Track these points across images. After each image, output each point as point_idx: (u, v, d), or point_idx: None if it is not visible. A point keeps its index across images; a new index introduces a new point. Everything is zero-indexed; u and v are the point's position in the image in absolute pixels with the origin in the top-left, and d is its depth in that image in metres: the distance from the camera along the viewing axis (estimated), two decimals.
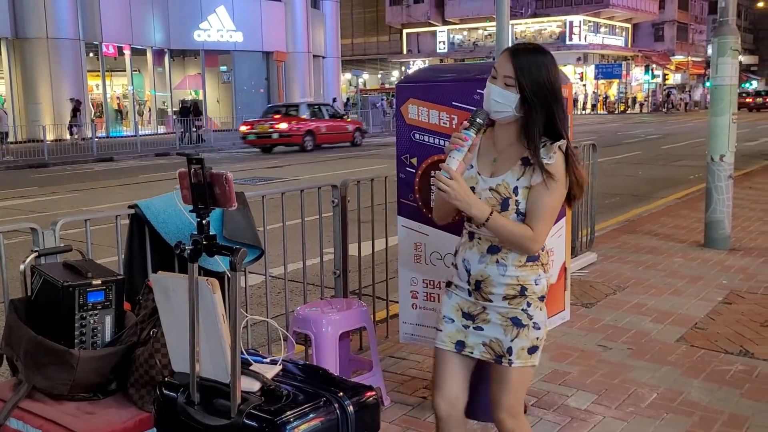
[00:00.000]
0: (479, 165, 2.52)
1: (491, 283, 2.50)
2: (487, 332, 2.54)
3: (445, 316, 2.63)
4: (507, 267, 2.49)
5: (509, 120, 2.44)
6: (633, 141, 25.99)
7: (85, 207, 12.04)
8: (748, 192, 11.60)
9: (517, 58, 2.37)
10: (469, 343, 2.58)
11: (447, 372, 2.63)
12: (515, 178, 2.44)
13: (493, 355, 2.54)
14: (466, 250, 2.56)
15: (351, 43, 64.82)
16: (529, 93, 2.35)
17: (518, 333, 2.50)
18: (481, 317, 2.55)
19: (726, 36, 7.42)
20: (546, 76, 2.37)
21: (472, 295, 2.56)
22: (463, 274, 2.57)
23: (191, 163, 2.16)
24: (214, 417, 2.17)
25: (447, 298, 2.64)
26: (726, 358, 4.57)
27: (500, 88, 2.38)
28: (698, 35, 69.69)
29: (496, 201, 2.44)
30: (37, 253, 3.10)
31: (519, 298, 2.50)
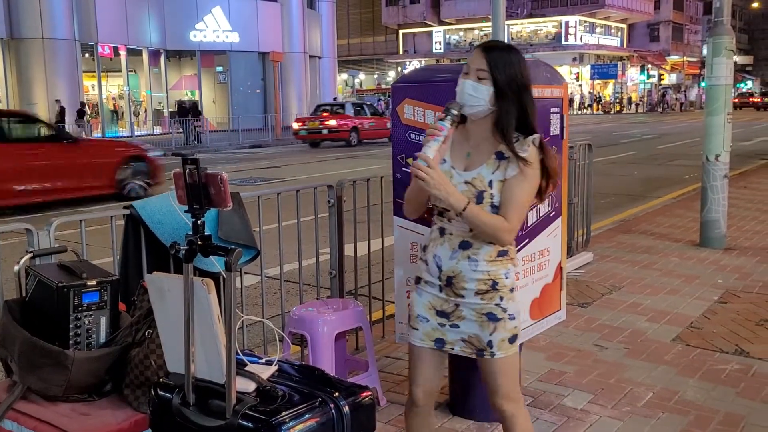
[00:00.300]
0: (453, 160, 2.56)
1: (463, 279, 2.53)
2: (463, 329, 2.58)
3: (419, 315, 2.65)
4: (478, 262, 2.52)
5: (483, 114, 2.48)
6: (629, 141, 26.02)
7: (80, 207, 12.01)
8: (743, 191, 11.62)
9: (489, 54, 2.44)
10: (448, 340, 2.61)
11: (425, 366, 2.68)
12: (490, 172, 2.49)
13: (474, 350, 2.59)
14: (436, 246, 2.58)
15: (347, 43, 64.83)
16: (502, 85, 2.42)
17: (495, 327, 2.55)
18: (455, 315, 2.58)
19: (721, 36, 7.43)
20: (518, 71, 2.44)
21: (444, 291, 2.58)
22: (434, 270, 2.59)
23: (186, 163, 2.16)
24: (210, 418, 2.17)
25: (417, 296, 2.66)
26: (721, 357, 4.58)
27: (473, 81, 2.44)
28: (693, 35, 69.87)
29: (472, 194, 2.48)
30: (32, 253, 3.09)
31: (491, 293, 2.54)
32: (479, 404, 3.72)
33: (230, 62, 38.59)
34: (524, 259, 3.61)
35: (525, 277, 3.63)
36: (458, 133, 2.58)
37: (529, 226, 3.62)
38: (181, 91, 40.20)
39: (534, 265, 3.69)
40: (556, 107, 3.76)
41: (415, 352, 2.70)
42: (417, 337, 2.66)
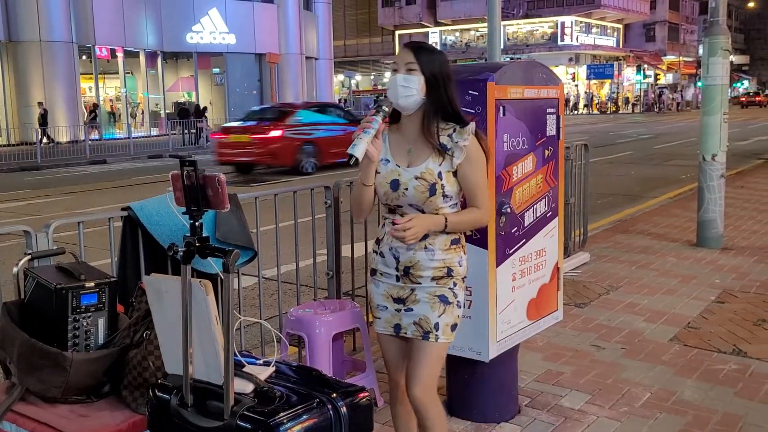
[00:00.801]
0: (395, 158, 2.69)
1: (420, 268, 2.67)
2: (416, 311, 2.70)
3: (379, 305, 2.79)
4: (434, 251, 2.66)
5: (415, 105, 2.61)
6: (625, 141, 26.05)
7: (78, 209, 12.01)
8: (740, 191, 11.64)
9: (416, 49, 2.61)
10: (403, 325, 2.75)
11: (394, 351, 2.86)
12: (437, 164, 2.62)
13: (421, 332, 2.70)
14: (392, 239, 2.68)
15: (343, 44, 64.85)
16: (430, 76, 2.58)
17: (444, 309, 2.69)
18: (410, 299, 2.71)
19: (717, 36, 7.45)
20: (441, 63, 2.62)
21: (401, 280, 2.72)
22: (391, 261, 2.71)
23: (184, 165, 2.16)
24: (208, 419, 2.17)
25: (375, 287, 2.80)
26: (719, 357, 4.59)
27: (404, 74, 2.59)
28: (689, 35, 69.95)
29: (425, 188, 2.61)
30: (30, 255, 3.09)
31: (446, 279, 2.69)
32: (477, 404, 3.73)
33: (227, 64, 38.56)
34: (521, 260, 3.62)
35: (522, 278, 3.64)
36: (394, 132, 2.73)
37: (526, 226, 3.63)
38: (178, 93, 40.18)
39: (531, 266, 3.70)
40: (552, 108, 3.77)
41: (381, 340, 2.87)
42: (380, 326, 2.82)
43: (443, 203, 2.63)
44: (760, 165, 16.50)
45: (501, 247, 3.45)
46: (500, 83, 3.36)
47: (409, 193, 2.62)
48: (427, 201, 2.61)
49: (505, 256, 3.50)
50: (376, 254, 2.78)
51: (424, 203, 2.62)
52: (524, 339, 3.77)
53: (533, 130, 3.62)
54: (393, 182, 2.65)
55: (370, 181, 2.65)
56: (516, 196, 3.53)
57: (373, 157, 2.56)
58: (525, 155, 3.58)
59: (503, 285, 3.50)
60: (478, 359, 3.49)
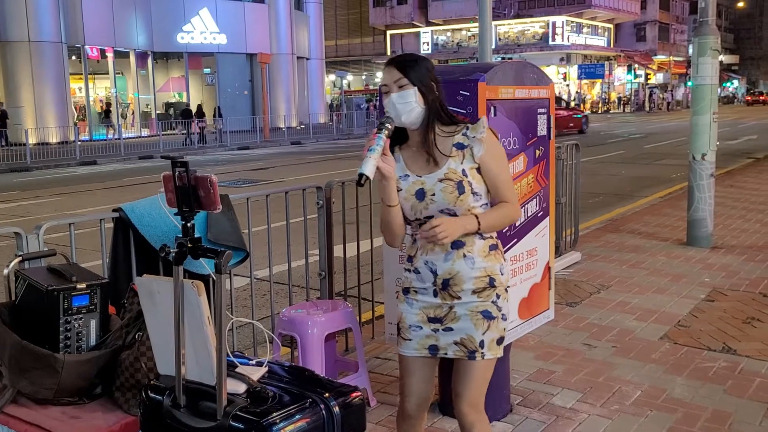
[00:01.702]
0: (414, 171, 2.58)
1: (461, 279, 2.54)
2: (457, 330, 2.57)
3: (411, 325, 2.63)
4: (475, 259, 2.54)
5: (418, 117, 2.53)
6: (616, 140, 26.14)
7: (69, 211, 11.98)
8: (729, 190, 11.70)
9: (399, 64, 2.54)
10: (441, 345, 2.60)
11: (417, 377, 2.68)
12: (459, 163, 2.53)
13: (466, 351, 2.57)
14: (426, 253, 2.58)
15: (335, 44, 64.80)
16: (420, 85, 2.51)
17: (489, 326, 2.56)
18: (449, 317, 2.58)
19: (706, 36, 7.49)
20: (428, 70, 2.56)
21: (438, 296, 2.58)
22: (428, 276, 2.58)
23: (176, 166, 2.16)
24: (200, 419, 2.17)
25: (408, 306, 2.65)
26: (709, 355, 4.61)
27: (397, 93, 2.51)
28: (679, 35, 70.18)
29: (452, 187, 2.50)
30: (21, 257, 3.09)
31: (488, 290, 2.56)
32: None
33: (218, 64, 38.50)
34: (512, 259, 3.63)
35: (513, 277, 3.65)
36: (406, 150, 2.63)
37: (517, 226, 3.65)
38: (169, 93, 40.10)
39: (522, 265, 3.72)
40: (542, 108, 3.79)
41: (407, 364, 2.68)
42: (410, 347, 2.64)
43: (474, 202, 2.53)
44: (750, 164, 16.58)
45: None
46: (491, 83, 3.38)
47: (438, 197, 2.51)
48: (458, 201, 2.50)
49: None
50: (410, 272, 2.65)
51: (455, 204, 2.50)
52: (516, 338, 3.78)
53: (524, 130, 3.64)
54: (418, 192, 2.54)
55: (393, 201, 2.53)
56: None
57: (388, 174, 2.45)
58: (516, 155, 3.59)
59: None
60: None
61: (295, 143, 30.02)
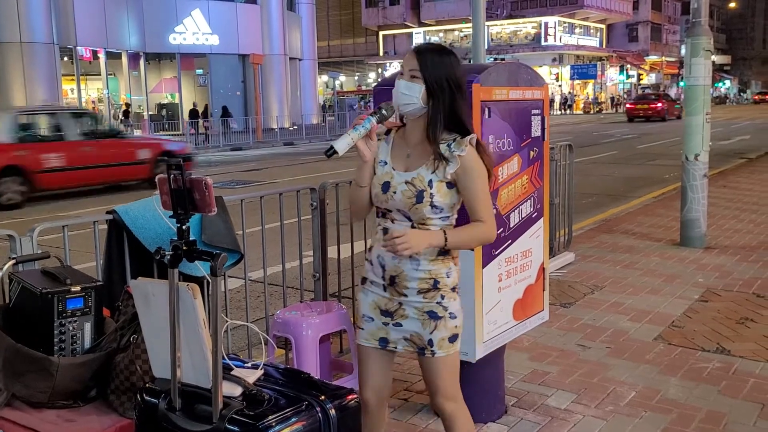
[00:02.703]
0: (393, 161, 2.64)
1: (405, 278, 2.60)
2: (406, 327, 2.64)
3: (365, 315, 2.72)
4: (420, 262, 2.58)
5: (417, 113, 2.55)
6: (609, 141, 26.19)
7: (62, 213, 11.93)
8: (722, 190, 11.74)
9: (421, 55, 2.52)
10: (391, 339, 2.68)
11: (372, 366, 2.76)
12: (430, 172, 2.55)
13: (415, 348, 2.65)
14: (380, 247, 2.62)
15: (327, 45, 64.79)
16: (432, 84, 2.49)
17: (436, 325, 2.61)
18: (398, 313, 2.65)
19: (699, 36, 7.51)
20: (450, 71, 2.51)
21: (387, 291, 2.65)
22: (378, 269, 2.66)
23: (171, 168, 2.16)
24: (196, 423, 2.17)
25: (364, 296, 2.74)
26: (703, 355, 4.63)
27: (406, 81, 2.52)
28: (672, 36, 70.48)
29: (412, 193, 2.54)
30: (15, 260, 3.07)
31: (432, 292, 2.60)
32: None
33: (210, 65, 38.41)
34: (507, 261, 3.64)
35: (508, 278, 3.66)
36: (398, 136, 2.68)
37: (512, 227, 3.65)
38: (162, 94, 39.97)
39: (517, 266, 3.72)
40: (536, 109, 3.79)
41: (362, 352, 2.77)
42: (362, 337, 2.74)
43: (431, 213, 2.54)
44: (742, 164, 16.64)
45: (487, 248, 3.46)
46: (485, 84, 3.38)
47: (397, 197, 2.56)
48: (413, 208, 2.54)
49: (491, 257, 3.52)
50: (368, 261, 2.73)
51: (410, 209, 2.54)
52: (510, 339, 3.79)
53: (518, 131, 3.64)
54: (384, 184, 2.60)
55: (364, 182, 2.62)
56: (502, 197, 3.54)
57: (365, 158, 2.53)
58: (510, 156, 3.59)
59: (489, 286, 3.51)
60: (465, 360, 3.50)
61: (288, 144, 29.98)
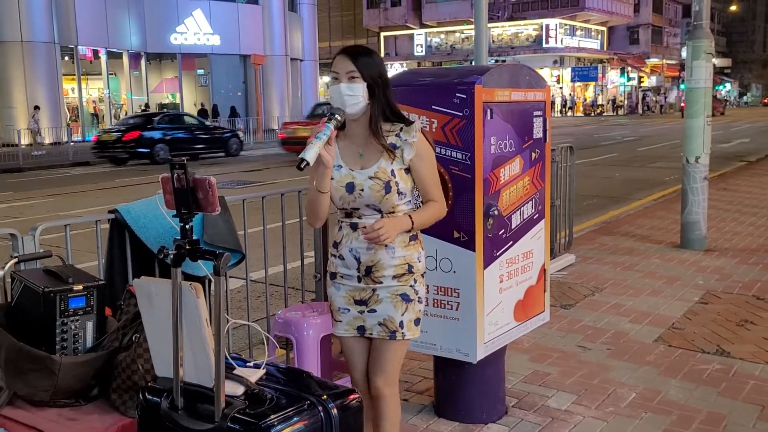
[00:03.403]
0: (347, 163, 2.74)
1: (382, 267, 2.73)
2: (380, 312, 2.77)
3: (340, 308, 2.84)
4: (395, 249, 2.73)
5: (361, 111, 2.68)
6: (609, 143, 26.20)
7: (62, 212, 11.94)
8: (722, 193, 11.74)
9: (355, 57, 2.67)
10: (368, 326, 2.80)
11: (357, 354, 2.91)
12: (389, 163, 2.69)
13: (387, 332, 2.77)
14: (351, 241, 2.75)
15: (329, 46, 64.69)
16: (371, 82, 2.65)
17: (407, 307, 2.76)
18: (372, 300, 2.77)
19: (700, 39, 7.51)
20: (380, 68, 2.70)
21: (362, 281, 2.77)
22: (352, 262, 2.76)
23: (174, 168, 2.17)
24: (198, 422, 2.17)
25: (336, 290, 2.84)
26: (703, 357, 4.63)
27: (347, 83, 2.64)
28: (673, 38, 70.47)
29: (380, 186, 2.68)
30: (17, 259, 3.08)
31: (407, 276, 2.76)
32: (464, 405, 3.75)
33: (211, 65, 38.43)
34: (508, 262, 3.64)
35: (509, 280, 3.66)
36: (342, 139, 2.77)
37: (513, 228, 3.66)
38: (162, 94, 39.97)
39: (518, 267, 3.72)
40: (538, 110, 3.79)
41: (343, 343, 2.92)
42: (341, 329, 2.86)
43: (398, 200, 2.70)
44: (742, 167, 16.64)
45: (488, 249, 3.47)
46: (488, 86, 3.39)
47: (366, 193, 2.68)
48: (384, 199, 2.67)
49: (493, 258, 3.52)
50: (335, 257, 2.83)
51: (380, 202, 2.68)
52: (511, 340, 3.79)
53: (520, 132, 3.65)
54: (348, 185, 2.70)
55: (326, 188, 2.68)
56: (503, 199, 3.55)
57: (327, 164, 2.59)
58: (512, 158, 3.60)
59: (491, 287, 3.52)
60: (466, 360, 3.51)
61: None
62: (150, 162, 21.57)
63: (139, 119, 23.61)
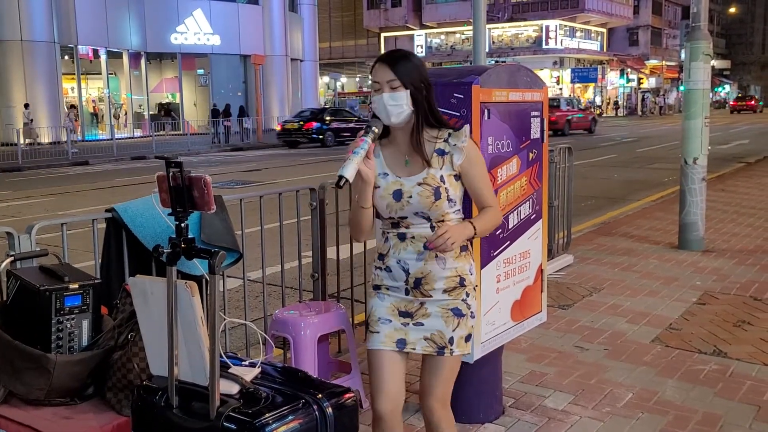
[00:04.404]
0: (394, 171, 2.63)
1: (432, 279, 2.59)
2: (428, 326, 2.62)
3: (381, 318, 2.67)
4: (446, 260, 2.59)
5: (406, 120, 2.57)
6: (608, 144, 26.20)
7: (61, 211, 11.94)
8: (720, 194, 11.75)
9: (394, 65, 2.54)
10: (410, 340, 2.64)
11: (388, 372, 2.66)
12: (438, 169, 2.58)
13: (435, 347, 2.62)
14: (399, 252, 2.62)
15: (329, 46, 64.81)
16: (412, 87, 2.53)
17: (459, 323, 2.62)
18: (420, 313, 2.63)
19: (698, 41, 7.52)
20: (421, 73, 2.57)
21: (410, 293, 2.63)
22: (400, 274, 2.62)
23: (170, 166, 2.16)
24: (193, 420, 2.17)
25: (379, 301, 2.69)
26: (700, 357, 4.63)
27: (389, 93, 2.52)
28: (672, 40, 70.48)
29: (429, 192, 2.55)
30: (13, 257, 3.08)
31: (459, 289, 2.62)
32: (461, 405, 3.74)
33: (211, 65, 38.46)
34: (505, 261, 3.64)
35: (506, 279, 3.66)
36: (386, 147, 2.67)
37: (511, 228, 3.66)
38: (162, 94, 39.99)
39: (515, 267, 3.72)
40: (536, 111, 3.80)
41: (376, 358, 2.67)
42: (378, 341, 2.66)
43: (448, 208, 2.58)
44: (741, 168, 16.65)
45: (486, 248, 3.47)
46: (485, 86, 3.38)
47: (414, 200, 2.56)
48: (433, 206, 2.55)
49: (490, 258, 3.52)
50: (381, 270, 2.69)
51: (430, 208, 2.55)
52: (508, 340, 3.79)
53: (518, 132, 3.65)
54: (395, 193, 2.58)
55: (368, 203, 2.58)
56: (501, 199, 3.55)
57: (368, 179, 2.50)
58: (509, 158, 3.60)
59: (488, 286, 3.52)
60: (463, 360, 3.50)
61: None
62: (321, 146, 27.41)
63: (312, 112, 29.64)
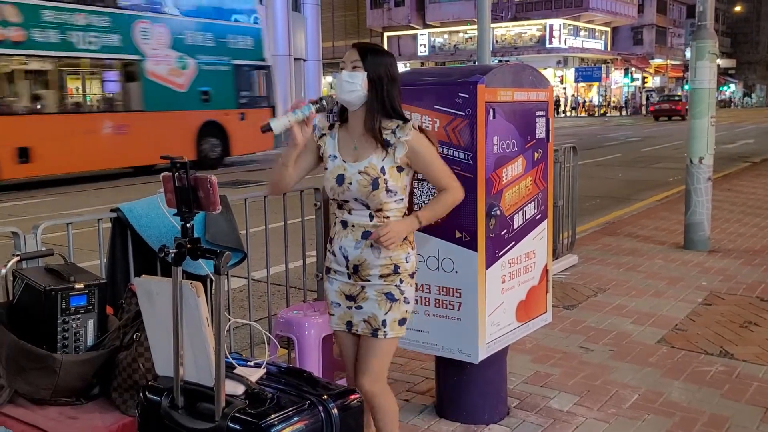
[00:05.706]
0: (342, 154, 2.79)
1: (368, 266, 2.76)
2: (365, 309, 2.80)
3: (333, 302, 2.89)
4: (380, 249, 2.74)
5: (359, 102, 2.71)
6: (613, 144, 26.15)
7: (65, 211, 11.95)
8: (726, 194, 11.72)
9: (362, 50, 2.73)
10: (354, 322, 2.84)
11: (346, 348, 2.97)
12: (380, 159, 2.72)
13: (370, 329, 2.80)
14: (341, 239, 2.79)
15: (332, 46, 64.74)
16: (373, 74, 2.68)
17: (391, 306, 2.78)
18: (360, 296, 2.81)
19: (704, 40, 7.50)
20: (388, 67, 2.73)
21: (351, 278, 2.81)
22: (341, 260, 2.81)
23: (175, 167, 2.16)
24: (199, 421, 2.17)
25: (329, 284, 2.89)
26: (706, 359, 4.62)
27: (349, 71, 2.70)
28: (677, 39, 70.34)
29: (367, 182, 2.70)
30: (19, 257, 3.08)
31: (393, 276, 2.78)
32: (466, 406, 3.74)
33: None
34: (510, 262, 3.63)
35: (511, 280, 3.65)
36: (342, 130, 2.83)
37: (516, 228, 3.65)
38: None
39: (520, 268, 3.71)
40: (541, 110, 3.79)
41: (337, 336, 2.98)
42: (333, 322, 2.92)
43: (387, 198, 2.71)
44: (747, 168, 16.61)
45: (491, 249, 3.46)
46: (490, 86, 3.38)
47: (353, 187, 2.71)
48: (371, 195, 2.69)
49: (495, 258, 3.51)
50: (330, 253, 2.87)
51: (367, 197, 2.70)
52: (513, 341, 3.78)
53: (523, 132, 3.64)
54: (338, 177, 2.74)
55: (289, 162, 2.74)
56: (506, 199, 3.54)
57: (297, 141, 2.64)
58: (515, 158, 3.59)
59: (493, 287, 3.51)
60: (468, 361, 3.50)
61: None
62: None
63: None
